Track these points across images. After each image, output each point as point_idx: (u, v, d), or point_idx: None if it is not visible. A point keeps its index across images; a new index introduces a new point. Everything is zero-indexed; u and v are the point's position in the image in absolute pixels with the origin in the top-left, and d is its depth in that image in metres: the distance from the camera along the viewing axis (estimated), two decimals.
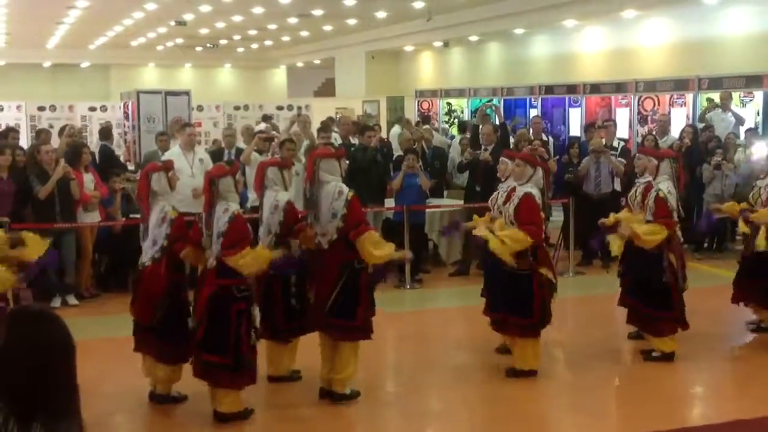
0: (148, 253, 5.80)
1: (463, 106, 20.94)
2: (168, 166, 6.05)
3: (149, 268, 5.79)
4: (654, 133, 12.28)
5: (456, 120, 20.32)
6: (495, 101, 18.44)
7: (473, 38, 23.07)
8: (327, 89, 32.88)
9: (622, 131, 15.04)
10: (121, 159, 15.65)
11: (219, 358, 5.44)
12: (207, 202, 5.59)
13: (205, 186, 5.63)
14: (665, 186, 6.75)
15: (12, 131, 10.74)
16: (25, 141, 16.26)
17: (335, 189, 5.84)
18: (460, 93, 21.42)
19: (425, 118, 18.99)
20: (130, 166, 13.93)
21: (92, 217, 9.09)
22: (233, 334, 5.45)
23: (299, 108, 20.51)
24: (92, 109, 21.27)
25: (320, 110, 21.24)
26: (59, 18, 22.72)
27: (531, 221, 6.26)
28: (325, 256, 5.83)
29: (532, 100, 18.64)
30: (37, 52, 30.19)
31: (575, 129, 16.63)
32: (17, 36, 26.77)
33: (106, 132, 13.20)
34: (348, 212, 5.76)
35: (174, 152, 9.69)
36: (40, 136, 11.22)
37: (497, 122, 11.28)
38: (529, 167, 6.53)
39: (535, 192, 6.42)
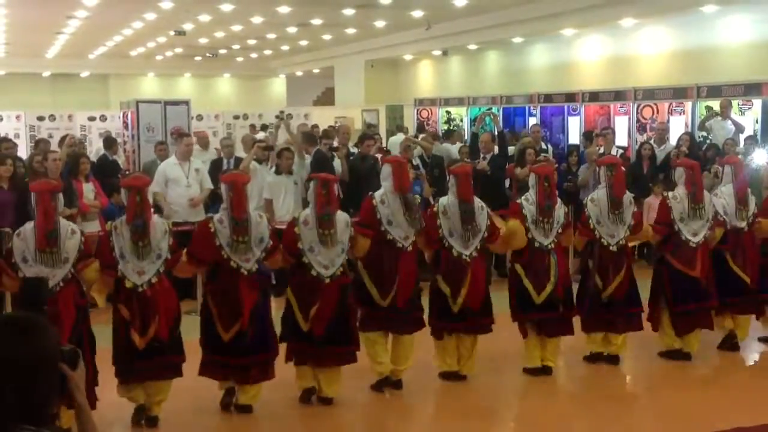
0: (150, 270, 5.63)
1: (462, 115, 20.94)
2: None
3: (161, 284, 5.67)
4: (652, 141, 12.29)
5: (455, 128, 20.32)
6: (494, 110, 18.45)
7: (472, 47, 23.12)
8: (326, 98, 32.93)
9: (621, 139, 15.05)
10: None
11: (272, 354, 5.91)
12: (243, 208, 5.79)
13: (240, 192, 5.84)
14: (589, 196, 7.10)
15: (5, 141, 10.60)
16: (24, 151, 16.25)
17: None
18: (460, 101, 21.42)
19: (419, 127, 18.99)
20: None
21: (92, 227, 9.02)
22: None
23: (281, 112, 20.44)
24: (92, 118, 21.27)
25: (320, 119, 21.27)
26: (59, 28, 22.78)
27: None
28: (404, 256, 6.30)
29: (531, 108, 18.65)
30: (36, 61, 30.24)
31: (574, 137, 16.63)
32: (17, 46, 26.84)
33: (109, 141, 13.10)
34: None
35: (170, 162, 9.71)
36: (39, 145, 11.21)
37: (496, 131, 11.26)
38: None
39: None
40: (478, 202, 6.58)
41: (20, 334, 2.20)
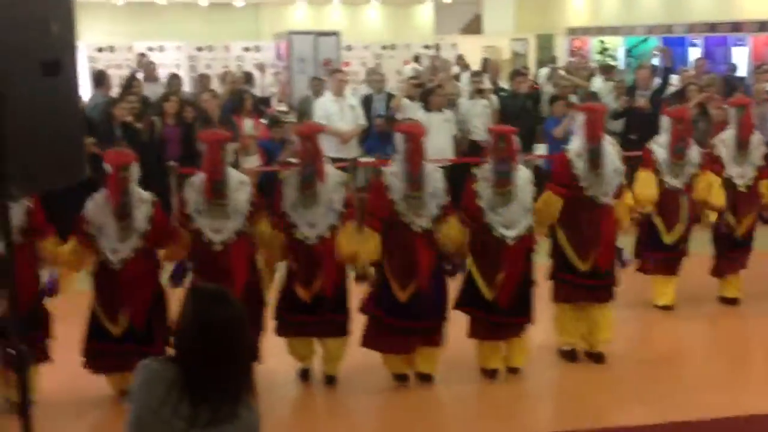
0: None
1: (617, 45, 20.10)
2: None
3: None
4: None
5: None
6: (651, 40, 17.62)
7: None
8: (474, 26, 32.34)
9: None
10: (275, 99, 15.84)
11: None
12: (418, 161, 5.36)
13: (417, 144, 5.37)
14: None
15: (174, 78, 11.15)
16: (186, 82, 16.89)
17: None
18: (614, 31, 20.52)
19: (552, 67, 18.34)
20: (283, 107, 14.20)
21: (251, 162, 9.25)
22: None
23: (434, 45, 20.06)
24: (246, 49, 21.77)
25: (466, 49, 20.93)
26: None
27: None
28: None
29: (692, 38, 17.68)
30: None
31: (741, 71, 15.64)
32: None
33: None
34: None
35: (327, 99, 9.92)
36: (202, 81, 11.70)
37: (663, 65, 10.72)
38: None
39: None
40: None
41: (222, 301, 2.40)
